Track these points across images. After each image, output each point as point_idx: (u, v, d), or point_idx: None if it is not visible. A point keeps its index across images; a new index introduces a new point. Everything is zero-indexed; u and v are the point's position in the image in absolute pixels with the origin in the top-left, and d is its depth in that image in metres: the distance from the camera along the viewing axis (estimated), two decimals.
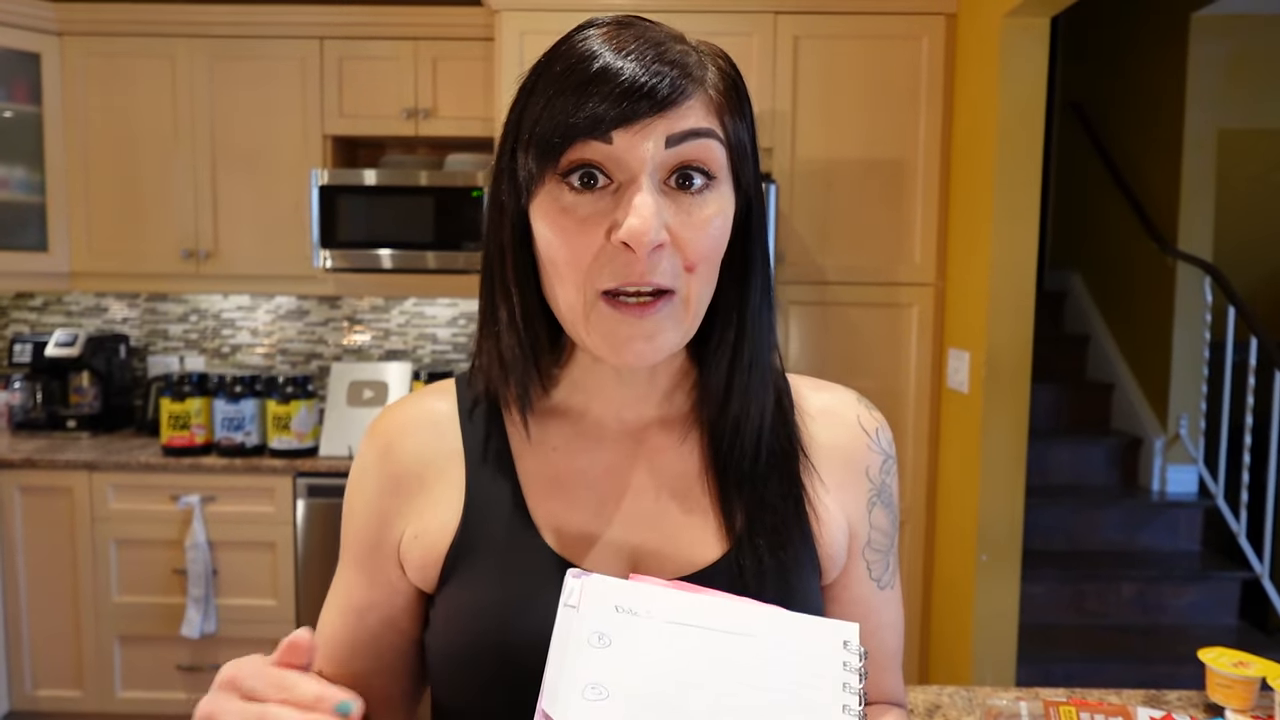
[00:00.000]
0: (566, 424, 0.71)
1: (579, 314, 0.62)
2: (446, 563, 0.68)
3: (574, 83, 0.60)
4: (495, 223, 0.67)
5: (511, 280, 0.66)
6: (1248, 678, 1.15)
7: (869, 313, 2.67)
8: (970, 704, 1.22)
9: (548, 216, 0.61)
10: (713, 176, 0.62)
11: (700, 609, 0.59)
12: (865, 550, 0.74)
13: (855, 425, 0.75)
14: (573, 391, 0.71)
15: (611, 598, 0.59)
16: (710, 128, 0.61)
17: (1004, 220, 2.38)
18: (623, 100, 0.58)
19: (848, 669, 0.59)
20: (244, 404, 2.76)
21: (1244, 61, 3.59)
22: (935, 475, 2.71)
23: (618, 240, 0.59)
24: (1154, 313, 3.72)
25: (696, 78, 0.61)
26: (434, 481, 0.71)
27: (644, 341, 0.61)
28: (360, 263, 2.81)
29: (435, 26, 2.84)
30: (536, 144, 0.61)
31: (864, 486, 0.74)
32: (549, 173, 0.61)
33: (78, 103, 2.90)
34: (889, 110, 2.62)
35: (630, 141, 0.59)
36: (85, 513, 2.70)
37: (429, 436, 0.72)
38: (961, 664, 2.54)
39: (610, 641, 0.57)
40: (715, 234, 0.62)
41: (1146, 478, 3.70)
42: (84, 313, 3.30)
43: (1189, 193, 3.60)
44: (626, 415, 0.71)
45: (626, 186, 0.60)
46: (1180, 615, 3.31)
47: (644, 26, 0.63)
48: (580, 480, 0.70)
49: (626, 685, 0.55)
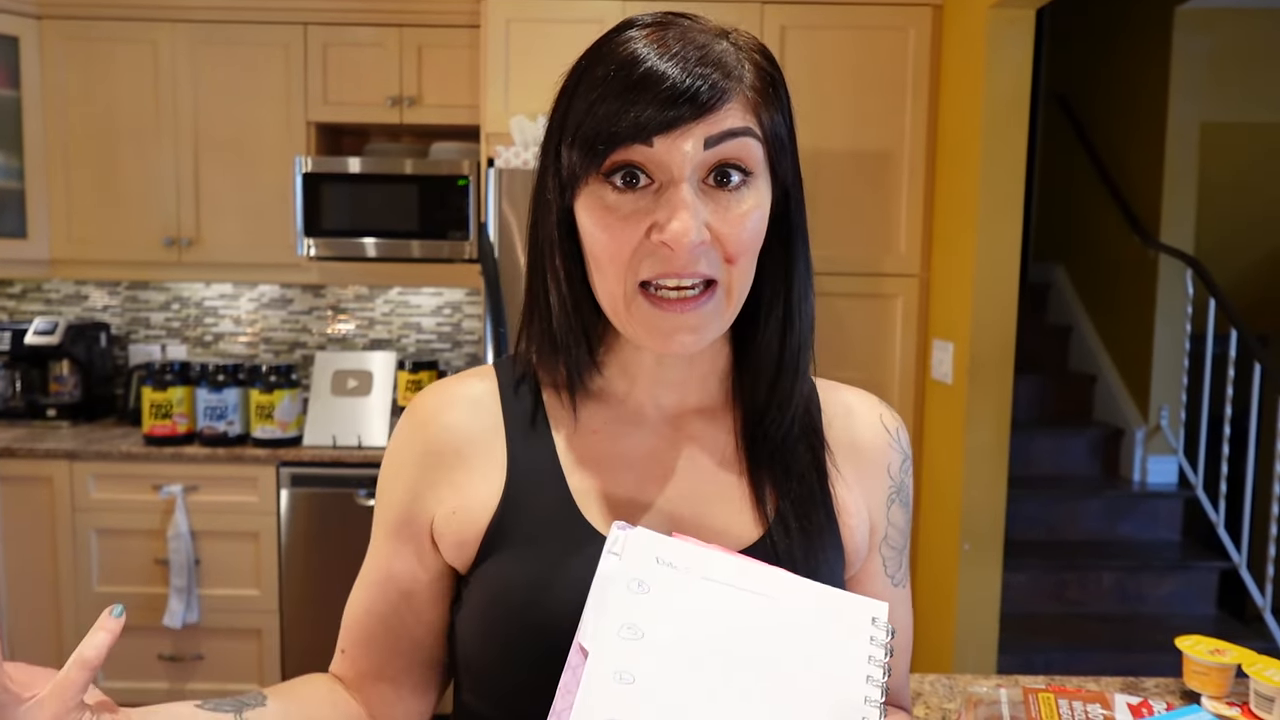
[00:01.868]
0: (608, 408, 0.74)
1: (620, 304, 0.65)
2: (486, 538, 0.69)
3: (617, 88, 0.62)
4: (542, 216, 0.69)
5: (560, 269, 0.68)
6: (1223, 665, 1.17)
7: (854, 303, 2.68)
8: (951, 691, 1.23)
9: (592, 213, 0.64)
10: (749, 172, 0.64)
11: (737, 571, 0.62)
12: (883, 546, 0.77)
13: (878, 423, 0.78)
14: (614, 377, 0.74)
15: (653, 550, 0.62)
16: (747, 126, 0.63)
17: (988, 212, 2.39)
18: (665, 108, 0.60)
19: (874, 643, 0.61)
20: (227, 393, 2.75)
21: (1227, 55, 3.61)
22: (919, 466, 2.72)
23: (658, 240, 0.62)
24: (1136, 305, 3.75)
25: (735, 76, 0.63)
26: (474, 457, 0.72)
27: (689, 333, 0.64)
28: (344, 251, 2.79)
29: (420, 13, 2.82)
30: (581, 145, 0.63)
31: (885, 483, 0.77)
32: (593, 172, 0.63)
33: (57, 87, 2.86)
34: (875, 101, 2.63)
35: (671, 144, 0.61)
36: (66, 502, 2.68)
37: (470, 412, 0.73)
38: (944, 652, 2.56)
39: (649, 589, 0.60)
40: (752, 228, 0.64)
41: (1128, 468, 3.74)
42: (64, 300, 3.27)
43: (1171, 186, 3.62)
44: (665, 401, 0.74)
45: (667, 187, 0.62)
46: (1160, 604, 3.35)
47: (684, 26, 0.64)
48: (621, 462, 0.72)
49: (659, 630, 0.58)
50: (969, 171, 2.43)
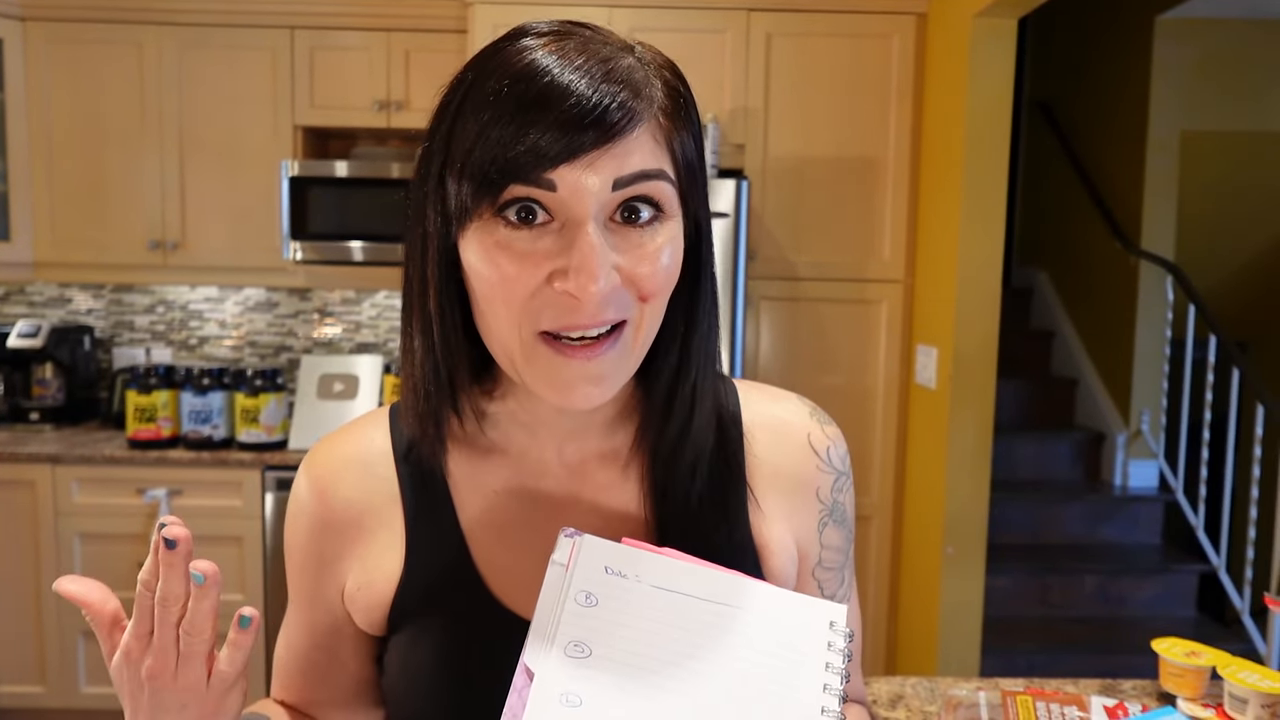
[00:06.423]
0: (507, 464, 0.68)
1: (515, 353, 0.58)
2: (392, 614, 0.67)
3: (512, 106, 0.54)
4: (419, 251, 0.61)
5: (434, 310, 0.61)
6: (1199, 667, 1.18)
7: (839, 309, 2.70)
8: (933, 694, 1.24)
9: (481, 251, 0.56)
10: (661, 209, 0.58)
11: (690, 577, 0.60)
12: (816, 570, 0.73)
13: (805, 446, 0.72)
14: (510, 427, 0.68)
15: (602, 559, 0.59)
16: (660, 169, 0.57)
17: (972, 218, 2.42)
18: (568, 130, 0.53)
19: (832, 649, 0.59)
20: (212, 396, 2.74)
21: (1207, 65, 3.66)
22: (903, 469, 2.75)
23: (563, 289, 0.55)
24: (1117, 310, 3.79)
25: (646, 97, 0.56)
26: (374, 528, 0.68)
27: (591, 385, 0.58)
28: (331, 255, 2.79)
29: (407, 18, 2.82)
30: (470, 175, 0.55)
31: (814, 508, 0.72)
32: (483, 206, 0.56)
33: (42, 89, 2.84)
34: (860, 108, 2.65)
35: (575, 179, 0.54)
36: (49, 506, 2.66)
37: (365, 481, 0.69)
38: (927, 654, 2.58)
39: (597, 602, 0.57)
40: (667, 264, 0.58)
41: (1109, 472, 3.77)
42: (47, 303, 3.25)
43: (1152, 193, 3.67)
44: (568, 451, 0.68)
45: (570, 228, 0.55)
46: (1141, 607, 3.38)
47: (587, 37, 0.57)
48: (525, 525, 0.67)
49: (609, 645, 0.56)
50: (952, 178, 2.46)
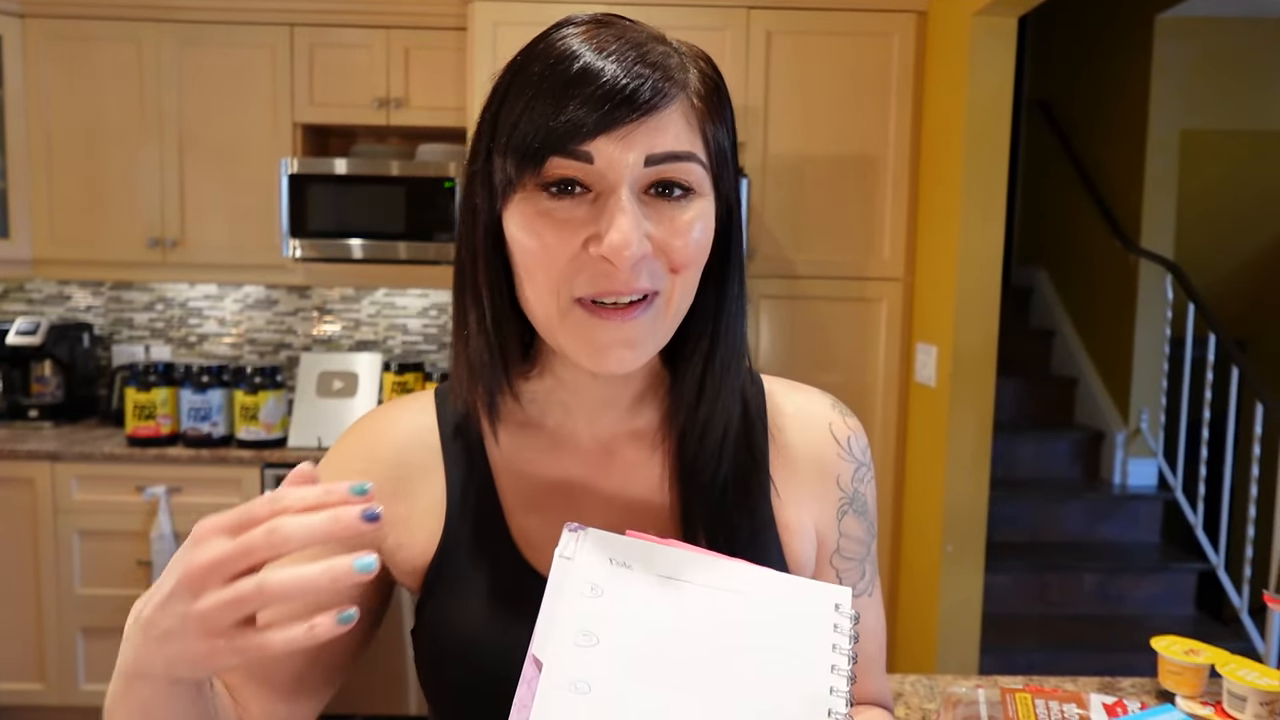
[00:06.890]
0: (542, 437, 0.71)
1: (553, 319, 0.61)
2: (429, 576, 0.69)
3: (552, 85, 0.58)
4: (468, 226, 0.65)
5: (483, 284, 0.65)
6: (1197, 665, 1.19)
7: (839, 307, 2.70)
8: (932, 692, 1.24)
9: (523, 220, 0.60)
10: (692, 189, 0.61)
11: (694, 566, 0.60)
12: (834, 558, 0.75)
13: (826, 434, 0.75)
14: (547, 404, 0.71)
15: (607, 550, 0.60)
16: (691, 151, 0.60)
17: (971, 216, 2.42)
18: (604, 103, 0.57)
19: (838, 631, 0.60)
20: (211, 394, 2.73)
21: (1207, 63, 3.66)
22: (903, 468, 2.75)
23: (597, 253, 0.58)
24: (1117, 309, 3.79)
25: (679, 81, 0.60)
26: (415, 493, 0.70)
27: (625, 348, 0.61)
28: (330, 252, 2.78)
29: (407, 15, 2.82)
30: (514, 149, 0.59)
31: (834, 495, 0.75)
32: (526, 178, 0.59)
33: (41, 86, 2.84)
34: (860, 106, 2.65)
35: (611, 151, 0.57)
36: (48, 504, 2.66)
37: (411, 449, 0.71)
38: (926, 652, 2.58)
39: (603, 592, 0.58)
40: (698, 238, 0.61)
41: (1108, 471, 3.78)
42: (46, 301, 3.24)
43: (1152, 192, 3.67)
44: (599, 426, 0.71)
45: (606, 196, 0.59)
46: (1139, 605, 3.39)
47: (624, 26, 0.61)
48: (556, 494, 0.70)
49: (616, 635, 0.56)
50: (952, 176, 2.45)
